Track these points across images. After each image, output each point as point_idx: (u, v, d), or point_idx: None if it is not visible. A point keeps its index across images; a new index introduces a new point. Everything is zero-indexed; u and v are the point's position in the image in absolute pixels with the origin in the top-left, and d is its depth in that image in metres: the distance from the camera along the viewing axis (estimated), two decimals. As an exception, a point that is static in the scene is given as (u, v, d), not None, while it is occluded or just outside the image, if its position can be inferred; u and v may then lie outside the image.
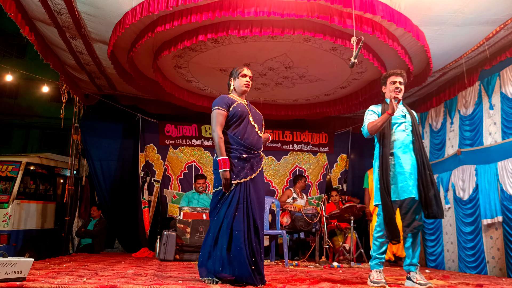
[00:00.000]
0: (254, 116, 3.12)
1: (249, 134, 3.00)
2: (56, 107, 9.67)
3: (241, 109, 3.03)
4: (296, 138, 7.88)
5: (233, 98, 3.09)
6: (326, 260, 5.27)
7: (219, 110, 2.98)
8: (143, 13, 4.04)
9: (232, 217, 2.83)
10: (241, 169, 2.92)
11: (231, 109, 3.01)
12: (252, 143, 3.00)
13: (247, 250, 2.77)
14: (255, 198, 2.91)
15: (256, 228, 2.88)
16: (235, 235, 2.80)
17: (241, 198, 2.86)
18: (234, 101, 3.05)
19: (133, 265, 4.36)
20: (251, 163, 2.96)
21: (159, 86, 6.26)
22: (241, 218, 2.83)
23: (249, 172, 2.93)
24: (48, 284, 2.47)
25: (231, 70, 3.23)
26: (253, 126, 3.06)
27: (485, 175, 5.01)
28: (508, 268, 4.55)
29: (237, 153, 2.94)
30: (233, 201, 2.86)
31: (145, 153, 7.30)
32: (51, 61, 5.33)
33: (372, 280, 3.13)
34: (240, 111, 3.01)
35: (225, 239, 2.80)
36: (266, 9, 3.95)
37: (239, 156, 2.93)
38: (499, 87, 5.03)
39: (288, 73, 6.00)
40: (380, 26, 4.34)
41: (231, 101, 3.05)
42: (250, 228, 2.84)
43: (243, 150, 2.95)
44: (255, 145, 3.01)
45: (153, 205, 7.19)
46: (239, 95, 3.16)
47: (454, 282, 3.50)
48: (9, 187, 6.18)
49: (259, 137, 3.08)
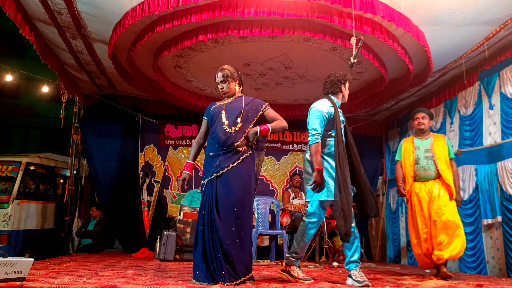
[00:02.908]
0: (230, 112, 3.07)
1: (216, 132, 3.04)
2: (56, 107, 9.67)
3: (214, 111, 3.13)
4: (296, 138, 7.89)
5: (216, 103, 3.22)
6: (326, 260, 5.27)
7: (204, 119, 3.24)
8: (143, 13, 4.04)
9: (200, 215, 2.93)
10: (209, 168, 2.99)
11: (209, 114, 3.17)
12: (219, 140, 2.99)
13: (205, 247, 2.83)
14: (223, 194, 2.87)
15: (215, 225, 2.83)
16: (197, 233, 2.91)
17: (206, 196, 2.94)
18: (213, 105, 3.20)
19: (133, 265, 4.36)
20: (219, 160, 2.94)
21: (159, 86, 6.27)
22: (202, 216, 2.91)
23: (215, 170, 2.93)
24: (48, 284, 2.47)
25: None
26: (223, 123, 3.03)
27: (485, 175, 5.01)
28: (508, 268, 4.55)
29: (207, 152, 3.06)
30: (202, 200, 2.98)
31: (145, 153, 7.30)
32: (50, 61, 5.32)
33: (357, 280, 3.07)
34: (212, 113, 3.14)
35: (194, 238, 2.93)
36: (266, 9, 3.95)
37: (207, 155, 3.06)
38: (499, 87, 5.03)
39: (288, 73, 6.00)
40: (380, 26, 4.34)
41: (211, 107, 3.20)
42: (213, 225, 2.83)
43: (210, 149, 3.05)
44: (222, 142, 2.97)
45: (153, 205, 7.19)
46: (226, 96, 3.21)
47: (454, 282, 3.50)
48: (9, 187, 6.18)
49: (227, 132, 2.99)
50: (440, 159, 4.00)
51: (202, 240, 2.86)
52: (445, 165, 3.99)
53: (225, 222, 2.82)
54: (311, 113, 3.31)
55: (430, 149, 4.07)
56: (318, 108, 3.27)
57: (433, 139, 4.14)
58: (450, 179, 3.94)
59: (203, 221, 2.89)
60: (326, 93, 3.46)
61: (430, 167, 4.01)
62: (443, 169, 3.96)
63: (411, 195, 4.10)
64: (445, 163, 4.00)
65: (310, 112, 3.34)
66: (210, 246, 2.81)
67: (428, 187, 3.99)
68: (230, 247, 2.77)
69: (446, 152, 4.07)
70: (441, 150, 4.05)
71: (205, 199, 2.94)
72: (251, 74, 6.11)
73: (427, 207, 3.94)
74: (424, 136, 4.18)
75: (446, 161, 4.02)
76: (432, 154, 4.04)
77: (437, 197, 3.90)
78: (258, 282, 2.98)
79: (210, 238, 2.83)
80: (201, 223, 2.90)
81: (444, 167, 3.97)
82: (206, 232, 2.84)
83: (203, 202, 2.95)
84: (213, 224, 2.84)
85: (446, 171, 3.96)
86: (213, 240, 2.81)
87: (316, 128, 3.19)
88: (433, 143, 4.10)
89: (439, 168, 3.96)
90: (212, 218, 2.85)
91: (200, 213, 2.94)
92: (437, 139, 4.14)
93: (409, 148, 4.19)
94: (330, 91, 3.44)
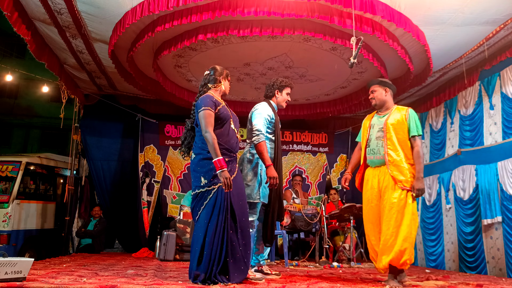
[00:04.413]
0: (234, 119, 3.17)
1: (231, 137, 3.05)
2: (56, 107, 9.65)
3: (226, 113, 3.07)
4: (295, 138, 7.88)
5: (217, 100, 3.08)
6: (326, 260, 5.27)
7: (209, 111, 2.94)
8: (143, 12, 4.04)
9: (217, 219, 2.84)
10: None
11: (217, 111, 3.00)
12: (232, 145, 3.06)
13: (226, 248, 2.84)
14: (236, 199, 2.93)
15: (237, 227, 2.90)
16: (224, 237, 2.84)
17: (223, 201, 2.86)
18: (219, 103, 3.07)
19: (133, 265, 4.36)
20: (232, 165, 3.00)
21: (159, 85, 6.27)
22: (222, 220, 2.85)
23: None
24: (48, 284, 2.47)
25: (217, 66, 3.22)
26: (234, 130, 3.12)
27: (485, 175, 5.01)
28: (508, 268, 4.55)
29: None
30: (216, 202, 2.86)
31: (145, 153, 7.30)
32: (49, 61, 5.28)
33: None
34: (225, 114, 3.06)
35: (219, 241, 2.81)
36: (266, 9, 3.96)
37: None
38: (499, 87, 5.03)
39: (288, 72, 6.00)
40: (380, 26, 4.34)
41: (217, 103, 3.05)
42: (234, 228, 2.88)
43: (225, 153, 2.96)
44: (235, 148, 3.07)
45: (153, 206, 7.19)
46: (221, 96, 3.19)
47: (454, 282, 3.50)
48: (9, 187, 6.18)
49: (238, 140, 3.14)
50: (391, 139, 3.17)
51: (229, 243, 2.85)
52: (399, 146, 3.14)
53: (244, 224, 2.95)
54: (255, 115, 3.49)
55: (383, 128, 3.24)
56: (262, 111, 3.49)
57: (390, 114, 3.28)
58: (400, 165, 3.10)
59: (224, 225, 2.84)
60: (264, 97, 3.71)
61: (379, 149, 3.20)
62: (393, 152, 3.13)
63: (360, 183, 3.41)
64: (399, 144, 3.14)
65: (253, 114, 3.52)
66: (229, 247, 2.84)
67: (376, 174, 3.22)
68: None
69: (405, 129, 3.18)
70: (398, 128, 3.18)
71: (220, 202, 2.85)
72: (251, 74, 6.11)
73: (377, 199, 3.19)
74: (383, 112, 3.34)
75: (402, 141, 3.16)
76: (383, 134, 3.22)
77: (384, 189, 3.14)
78: (258, 283, 2.98)
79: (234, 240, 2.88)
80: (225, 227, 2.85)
81: (397, 149, 3.13)
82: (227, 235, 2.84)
83: (219, 205, 2.85)
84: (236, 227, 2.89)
85: (397, 154, 3.12)
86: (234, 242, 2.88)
87: (260, 129, 3.38)
88: (388, 119, 3.25)
89: (388, 151, 3.15)
90: (236, 221, 2.90)
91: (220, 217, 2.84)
92: (396, 114, 3.26)
93: (366, 126, 3.42)
94: (267, 95, 3.67)
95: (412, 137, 3.17)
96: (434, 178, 6.17)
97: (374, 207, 3.20)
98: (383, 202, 3.12)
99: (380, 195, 3.17)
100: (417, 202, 3.16)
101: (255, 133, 3.36)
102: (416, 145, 3.15)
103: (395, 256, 2.96)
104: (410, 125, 3.17)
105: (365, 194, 3.31)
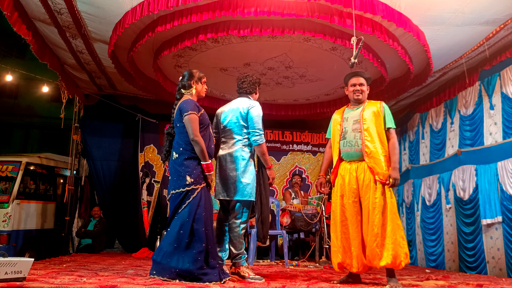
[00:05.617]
0: (211, 124, 3.27)
1: (211, 142, 3.15)
2: (56, 107, 9.66)
3: (206, 117, 3.13)
4: (296, 138, 7.89)
5: (198, 105, 3.14)
6: (326, 260, 5.26)
7: (195, 115, 2.99)
8: (143, 12, 4.04)
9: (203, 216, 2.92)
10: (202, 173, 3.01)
11: (200, 115, 3.04)
12: (212, 150, 3.19)
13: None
14: (209, 202, 3.05)
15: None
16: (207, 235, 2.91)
17: (207, 200, 2.96)
18: (200, 108, 3.14)
19: (133, 265, 4.36)
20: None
21: (159, 85, 6.27)
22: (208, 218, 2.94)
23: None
24: (48, 284, 2.46)
25: (190, 71, 3.24)
26: (212, 134, 3.18)
27: (485, 175, 5.01)
28: (508, 268, 4.55)
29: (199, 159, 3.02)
30: (201, 202, 2.92)
31: (145, 153, 7.30)
32: (50, 61, 5.31)
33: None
34: (206, 119, 3.12)
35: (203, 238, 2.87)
36: (266, 9, 3.95)
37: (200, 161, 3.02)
38: (499, 87, 5.03)
39: (288, 72, 6.00)
40: (380, 26, 4.34)
41: (199, 108, 3.12)
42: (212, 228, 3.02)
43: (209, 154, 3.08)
44: (213, 152, 3.20)
45: (153, 205, 7.19)
46: (197, 100, 3.21)
47: (454, 282, 3.50)
48: (9, 187, 6.18)
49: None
50: (368, 130, 3.12)
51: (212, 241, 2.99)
52: (377, 138, 3.10)
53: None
54: (254, 113, 3.36)
55: (359, 120, 3.19)
56: (260, 110, 3.41)
57: (364, 107, 3.24)
58: (376, 157, 3.05)
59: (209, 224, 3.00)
60: (244, 92, 3.55)
61: (357, 141, 3.14)
62: (370, 144, 3.09)
63: (335, 179, 3.29)
64: (377, 136, 3.10)
65: (251, 112, 3.36)
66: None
67: (354, 169, 3.13)
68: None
69: (381, 121, 3.17)
70: (375, 120, 3.15)
71: (204, 202, 2.96)
72: (251, 74, 6.10)
73: (355, 196, 3.08)
74: (355, 105, 3.31)
75: (379, 133, 3.13)
76: (360, 126, 3.17)
77: (365, 188, 3.05)
78: (258, 282, 2.97)
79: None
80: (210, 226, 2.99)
81: (374, 140, 3.09)
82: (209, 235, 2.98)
83: (204, 204, 2.94)
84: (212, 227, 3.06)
85: (373, 146, 3.08)
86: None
87: (261, 128, 3.35)
88: (363, 111, 3.21)
89: (365, 142, 3.10)
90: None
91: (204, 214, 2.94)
92: (370, 106, 3.24)
93: (337, 120, 3.33)
94: (248, 90, 3.55)
95: (388, 129, 3.17)
96: (434, 178, 6.17)
97: (352, 204, 3.07)
98: (365, 201, 3.03)
99: (359, 193, 3.07)
100: (416, 202, 3.12)
101: (256, 132, 3.32)
102: (392, 137, 3.16)
103: (390, 260, 2.87)
104: (386, 117, 3.19)
105: (337, 190, 3.19)
